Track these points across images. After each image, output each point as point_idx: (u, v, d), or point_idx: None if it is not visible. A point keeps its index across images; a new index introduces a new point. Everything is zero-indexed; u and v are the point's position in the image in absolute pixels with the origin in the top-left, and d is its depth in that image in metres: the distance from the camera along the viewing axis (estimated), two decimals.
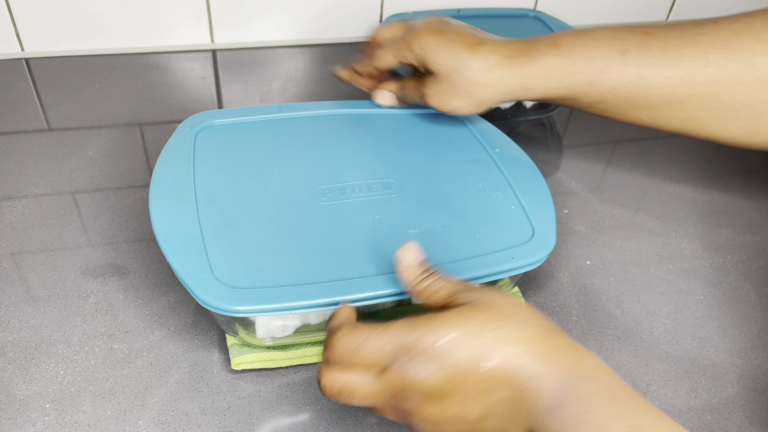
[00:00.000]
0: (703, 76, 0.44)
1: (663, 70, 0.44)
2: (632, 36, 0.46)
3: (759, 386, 0.45)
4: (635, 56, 0.45)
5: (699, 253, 0.54)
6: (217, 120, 0.51)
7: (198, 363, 0.43)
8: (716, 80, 0.43)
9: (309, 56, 0.76)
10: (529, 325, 0.33)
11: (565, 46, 0.46)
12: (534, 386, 0.31)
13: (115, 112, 0.64)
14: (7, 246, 0.50)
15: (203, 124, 0.50)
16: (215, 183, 0.45)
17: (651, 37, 0.45)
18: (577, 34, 0.47)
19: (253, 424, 0.40)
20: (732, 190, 0.61)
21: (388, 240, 0.42)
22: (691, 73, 0.44)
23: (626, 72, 0.45)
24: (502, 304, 0.34)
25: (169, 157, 0.47)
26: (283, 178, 0.46)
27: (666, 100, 0.45)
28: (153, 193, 0.43)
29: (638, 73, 0.45)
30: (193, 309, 0.46)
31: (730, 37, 0.43)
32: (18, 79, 0.68)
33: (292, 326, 0.42)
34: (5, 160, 0.58)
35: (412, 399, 0.32)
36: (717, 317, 0.49)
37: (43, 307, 0.46)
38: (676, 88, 0.44)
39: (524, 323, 0.33)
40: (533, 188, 0.47)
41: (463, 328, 0.32)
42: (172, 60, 0.73)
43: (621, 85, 0.45)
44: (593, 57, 0.45)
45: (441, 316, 0.33)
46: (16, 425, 0.39)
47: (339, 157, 0.49)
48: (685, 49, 0.44)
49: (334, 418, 0.41)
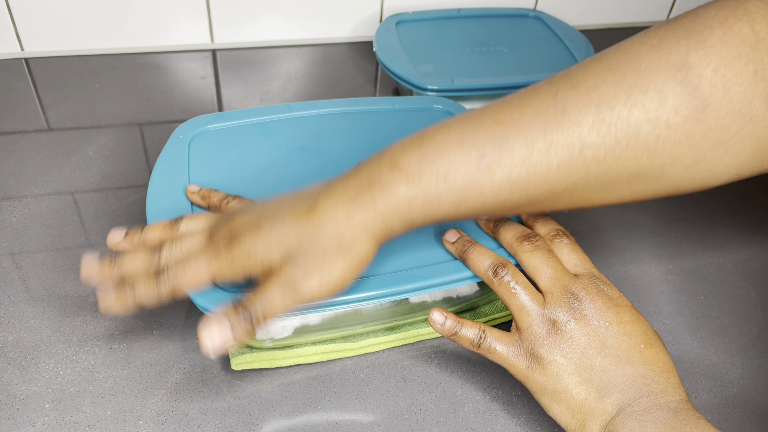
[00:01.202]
0: (583, 162, 0.35)
1: (535, 169, 0.35)
2: (485, 133, 0.35)
3: (759, 386, 0.45)
4: (497, 162, 0.35)
5: (699, 253, 0.54)
6: (210, 125, 0.51)
7: (198, 363, 0.43)
8: (598, 161, 0.35)
9: (309, 56, 0.76)
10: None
11: (409, 169, 0.35)
12: None
13: (115, 112, 0.64)
14: (7, 246, 0.50)
15: (197, 130, 0.50)
16: (211, 185, 0.45)
17: (508, 129, 0.35)
18: (419, 145, 0.36)
19: (253, 424, 0.40)
20: (732, 190, 0.61)
21: None
22: (568, 163, 0.35)
23: (493, 184, 0.35)
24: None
25: (165, 164, 0.47)
26: (278, 179, 0.46)
27: (549, 193, 0.36)
28: (150, 201, 0.44)
29: (508, 179, 0.35)
30: (193, 309, 0.46)
31: (598, 104, 0.34)
32: (18, 79, 0.68)
33: (291, 327, 0.42)
34: (5, 160, 0.58)
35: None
36: (717, 317, 0.49)
37: (43, 307, 0.46)
38: (556, 182, 0.35)
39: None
40: None
41: None
42: (172, 60, 0.73)
43: (493, 197, 0.36)
44: (447, 176, 0.35)
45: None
46: (16, 425, 0.39)
47: (334, 156, 0.49)
48: (552, 135, 0.34)
49: (334, 418, 0.41)
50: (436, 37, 0.70)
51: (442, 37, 0.70)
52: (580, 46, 0.68)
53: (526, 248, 0.40)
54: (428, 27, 0.72)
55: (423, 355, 0.45)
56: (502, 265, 0.40)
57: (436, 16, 0.74)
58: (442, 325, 0.40)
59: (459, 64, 0.66)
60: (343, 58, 0.76)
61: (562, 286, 0.39)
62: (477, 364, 0.44)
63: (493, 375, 0.44)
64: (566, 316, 0.38)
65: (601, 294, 0.39)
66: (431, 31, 0.71)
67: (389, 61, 0.64)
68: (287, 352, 0.43)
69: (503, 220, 0.43)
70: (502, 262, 0.40)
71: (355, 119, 0.53)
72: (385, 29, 0.70)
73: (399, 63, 0.64)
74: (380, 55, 0.65)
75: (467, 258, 0.41)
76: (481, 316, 0.46)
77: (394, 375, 0.43)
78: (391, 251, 0.42)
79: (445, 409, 0.42)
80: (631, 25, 0.86)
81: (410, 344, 0.46)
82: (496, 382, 0.43)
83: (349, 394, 0.42)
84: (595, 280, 0.40)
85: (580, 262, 0.41)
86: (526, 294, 0.39)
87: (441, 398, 0.42)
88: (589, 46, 0.68)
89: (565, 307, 0.38)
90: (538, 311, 0.39)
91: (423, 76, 0.62)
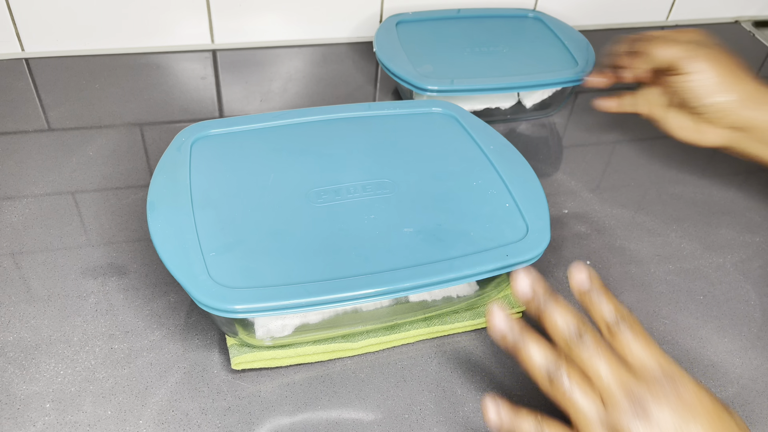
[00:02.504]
0: None
1: None
2: None
3: (759, 386, 0.45)
4: None
5: (699, 253, 0.54)
6: (212, 130, 0.51)
7: (198, 363, 0.43)
8: None
9: (309, 56, 0.76)
10: None
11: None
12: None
13: (115, 112, 0.64)
14: (7, 246, 0.50)
15: (199, 134, 0.50)
16: (211, 189, 0.46)
17: None
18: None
19: (253, 424, 0.40)
20: (732, 190, 0.61)
21: (384, 239, 0.43)
22: None
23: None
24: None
25: (166, 167, 0.47)
26: (279, 183, 0.47)
27: None
28: (151, 201, 0.44)
29: None
30: (194, 309, 0.46)
31: None
32: (18, 79, 0.68)
33: (291, 325, 0.42)
34: (5, 160, 0.58)
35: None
36: (717, 317, 0.49)
37: (43, 307, 0.46)
38: None
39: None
40: (527, 186, 0.47)
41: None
42: (172, 60, 0.73)
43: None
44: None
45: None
46: (16, 425, 0.39)
47: (333, 160, 0.49)
48: None
49: (334, 418, 0.41)
50: (436, 37, 0.70)
51: (442, 38, 0.70)
52: (580, 47, 0.68)
53: (580, 342, 0.35)
54: (428, 27, 0.72)
55: (423, 355, 0.45)
56: (556, 365, 0.35)
57: (435, 17, 0.74)
58: (496, 416, 0.36)
59: (459, 65, 0.65)
60: (343, 59, 0.76)
61: (622, 388, 0.34)
62: (477, 364, 0.45)
63: (493, 375, 0.44)
64: (629, 422, 0.33)
65: (669, 397, 0.34)
66: (431, 31, 0.71)
67: (389, 61, 0.64)
68: (287, 351, 0.43)
69: (550, 302, 0.36)
70: (556, 363, 0.35)
71: (354, 124, 0.53)
72: (385, 30, 0.70)
73: (399, 64, 0.64)
74: (380, 56, 0.65)
75: (519, 350, 0.36)
76: (480, 316, 0.46)
77: (394, 375, 0.44)
78: (391, 250, 0.42)
79: (445, 409, 0.42)
80: (631, 26, 0.86)
81: (410, 344, 0.46)
82: (496, 382, 0.43)
83: (349, 394, 0.42)
84: (662, 378, 0.34)
85: (646, 353, 0.35)
86: (583, 397, 0.34)
87: (441, 398, 0.42)
88: (589, 47, 0.68)
89: (628, 412, 0.33)
90: (598, 417, 0.34)
91: (423, 77, 0.62)
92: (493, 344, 0.46)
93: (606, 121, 0.69)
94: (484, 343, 0.46)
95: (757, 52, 0.83)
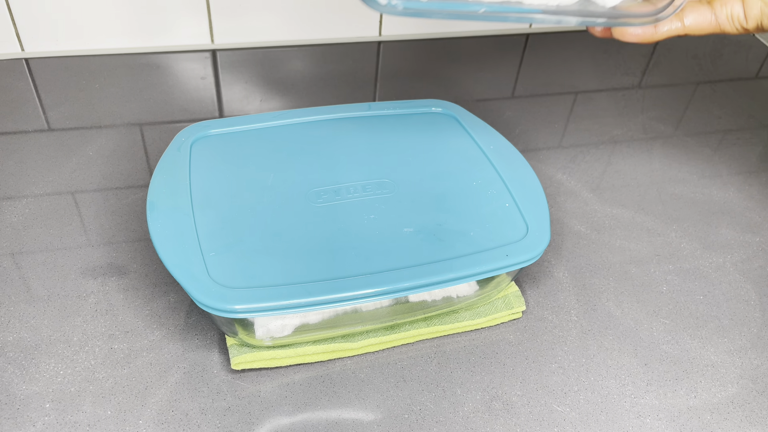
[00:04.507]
0: None
1: None
2: None
3: (759, 386, 0.45)
4: None
5: (699, 253, 0.54)
6: (212, 130, 0.51)
7: (198, 363, 0.43)
8: None
9: (309, 56, 0.76)
10: None
11: None
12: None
13: (115, 112, 0.64)
14: (7, 246, 0.50)
15: (199, 134, 0.50)
16: (211, 189, 0.46)
17: None
18: None
19: (253, 424, 0.40)
20: (732, 190, 0.61)
21: (384, 239, 0.43)
22: None
23: None
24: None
25: (166, 167, 0.47)
26: (278, 183, 0.47)
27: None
28: (150, 202, 0.44)
29: None
30: (193, 309, 0.46)
31: None
32: (18, 79, 0.68)
33: (291, 325, 0.42)
34: (5, 160, 0.58)
35: None
36: (717, 317, 0.49)
37: (43, 307, 0.46)
38: None
39: None
40: (526, 185, 0.47)
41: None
42: (172, 60, 0.73)
43: None
44: None
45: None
46: (16, 425, 0.39)
47: (333, 160, 0.49)
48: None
49: (334, 418, 0.41)
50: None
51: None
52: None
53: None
54: None
55: (423, 355, 0.45)
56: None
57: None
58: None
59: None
60: (343, 59, 0.76)
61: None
62: (477, 364, 0.45)
63: (493, 375, 0.44)
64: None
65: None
66: None
67: None
68: (287, 351, 0.43)
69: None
70: None
71: (354, 124, 0.53)
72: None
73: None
74: None
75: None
76: (480, 316, 0.46)
77: (394, 375, 0.44)
78: (391, 250, 0.42)
79: (445, 409, 0.42)
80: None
81: (410, 344, 0.46)
82: (496, 382, 0.43)
83: (349, 394, 0.42)
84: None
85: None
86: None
87: (441, 398, 0.42)
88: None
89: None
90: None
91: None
92: (493, 344, 0.46)
93: (606, 121, 0.69)
94: (484, 343, 0.46)
95: (758, 52, 0.83)
